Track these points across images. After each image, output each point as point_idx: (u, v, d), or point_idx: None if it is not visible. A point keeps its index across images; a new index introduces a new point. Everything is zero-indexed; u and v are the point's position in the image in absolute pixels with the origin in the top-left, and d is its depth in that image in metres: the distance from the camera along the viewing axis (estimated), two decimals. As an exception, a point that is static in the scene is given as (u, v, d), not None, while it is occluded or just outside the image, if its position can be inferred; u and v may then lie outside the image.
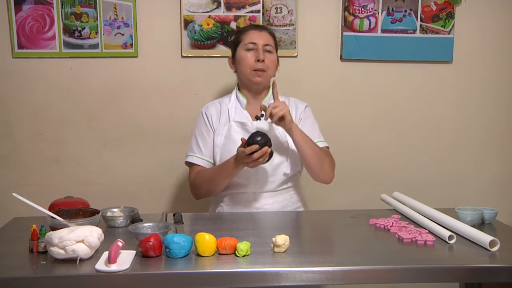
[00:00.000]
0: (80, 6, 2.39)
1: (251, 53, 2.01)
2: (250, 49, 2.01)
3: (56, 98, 2.46)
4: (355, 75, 2.55)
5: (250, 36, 2.03)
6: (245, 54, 2.01)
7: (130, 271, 1.31)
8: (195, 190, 2.04)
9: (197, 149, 2.05)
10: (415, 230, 1.62)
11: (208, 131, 2.06)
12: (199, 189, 2.02)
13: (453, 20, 2.53)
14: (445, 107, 2.61)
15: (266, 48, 2.02)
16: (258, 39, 2.02)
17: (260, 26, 2.18)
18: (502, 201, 2.59)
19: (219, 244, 1.42)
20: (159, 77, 2.48)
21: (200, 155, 2.04)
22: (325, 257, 1.45)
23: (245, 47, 2.02)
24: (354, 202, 2.46)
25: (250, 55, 2.01)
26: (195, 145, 2.06)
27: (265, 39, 2.03)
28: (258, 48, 2.01)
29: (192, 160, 2.04)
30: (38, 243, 1.45)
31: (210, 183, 1.98)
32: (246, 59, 2.01)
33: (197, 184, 2.02)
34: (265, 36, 2.04)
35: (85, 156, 2.50)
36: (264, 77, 2.02)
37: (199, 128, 2.08)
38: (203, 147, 2.04)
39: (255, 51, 2.01)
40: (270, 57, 2.02)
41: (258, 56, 1.99)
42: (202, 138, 2.05)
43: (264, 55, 2.00)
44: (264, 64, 2.00)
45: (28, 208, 1.58)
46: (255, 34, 2.03)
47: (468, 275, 1.41)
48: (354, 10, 2.49)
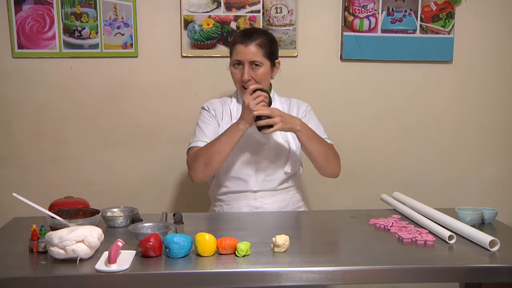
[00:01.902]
0: (80, 6, 2.39)
1: (238, 69, 1.98)
2: (238, 65, 1.98)
3: (56, 98, 2.46)
4: (355, 75, 2.55)
5: (236, 52, 1.97)
6: (233, 70, 2.00)
7: (130, 271, 1.31)
8: (192, 165, 1.93)
9: (201, 134, 2.00)
10: (415, 230, 1.62)
11: (212, 121, 2.04)
12: (196, 162, 1.91)
13: (453, 20, 2.53)
14: (445, 107, 2.61)
15: (254, 63, 1.95)
16: (244, 56, 1.95)
17: (248, 36, 1.97)
18: (502, 201, 2.58)
19: (219, 244, 1.42)
20: (159, 77, 2.48)
21: (203, 138, 1.98)
22: (325, 257, 1.45)
23: (233, 63, 1.99)
24: (354, 202, 2.46)
25: (237, 71, 1.98)
26: (199, 132, 2.02)
27: (251, 54, 1.94)
28: (244, 65, 1.96)
29: (195, 144, 1.98)
30: (38, 243, 1.45)
31: (208, 152, 1.89)
32: (234, 75, 2.00)
33: (194, 159, 1.93)
34: (251, 50, 1.94)
35: (85, 156, 2.50)
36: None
37: (203, 119, 2.06)
38: (206, 132, 2.00)
39: (241, 67, 1.97)
40: (258, 71, 1.96)
41: (243, 75, 1.95)
42: (206, 126, 2.02)
43: (249, 74, 1.95)
44: (251, 81, 1.96)
45: (28, 208, 1.58)
46: (241, 50, 1.96)
47: (468, 275, 1.41)
48: (354, 10, 2.49)
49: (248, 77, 1.95)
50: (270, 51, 1.99)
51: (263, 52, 1.96)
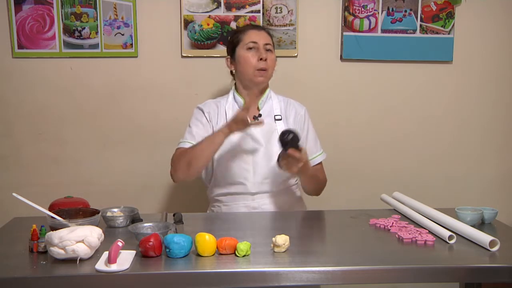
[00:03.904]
0: (80, 6, 2.39)
1: (252, 52, 2.00)
2: (251, 48, 2.00)
3: (56, 98, 2.46)
4: (355, 75, 2.55)
5: (250, 35, 2.02)
6: (246, 54, 2.00)
7: (130, 271, 1.31)
8: (174, 166, 1.95)
9: (189, 136, 2.01)
10: (415, 230, 1.62)
11: (203, 123, 2.04)
12: (179, 162, 1.92)
13: (453, 20, 2.53)
14: (445, 107, 2.61)
15: (267, 47, 2.01)
16: (259, 38, 2.01)
17: (258, 26, 2.17)
18: (502, 201, 2.59)
19: (219, 244, 1.42)
20: (159, 77, 2.48)
21: (190, 140, 1.98)
22: (325, 257, 1.45)
23: (246, 46, 2.00)
24: (354, 202, 2.46)
25: (251, 55, 1.99)
26: (188, 134, 2.02)
27: (265, 38, 2.03)
28: (259, 47, 1.99)
29: (182, 145, 1.99)
30: (38, 243, 1.45)
31: (191, 153, 1.90)
32: (248, 59, 1.99)
33: (177, 159, 1.94)
34: (265, 35, 2.04)
35: (85, 156, 2.50)
36: (266, 77, 2.01)
37: (194, 120, 2.06)
38: (196, 135, 2.00)
39: (256, 51, 1.99)
40: (271, 56, 2.02)
41: (260, 55, 1.98)
42: (196, 127, 2.02)
43: (266, 54, 2.00)
44: (266, 63, 1.99)
45: (28, 208, 1.58)
46: (255, 33, 2.03)
47: (468, 275, 1.41)
48: (354, 10, 2.49)
49: (266, 56, 1.98)
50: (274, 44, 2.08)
51: (272, 41, 2.06)
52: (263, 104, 2.06)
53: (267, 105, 2.07)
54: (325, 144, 2.14)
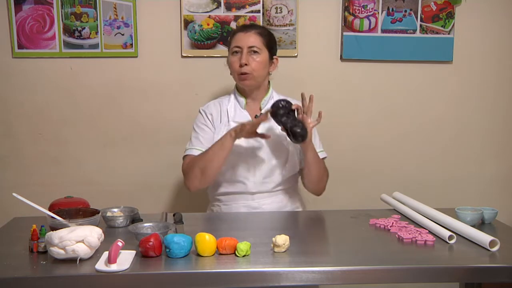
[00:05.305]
0: (80, 6, 2.39)
1: (236, 57, 1.99)
2: (236, 53, 1.99)
3: (56, 98, 2.46)
4: (355, 75, 2.55)
5: (236, 39, 2.00)
6: (232, 59, 2.00)
7: (130, 271, 1.32)
8: (188, 175, 1.95)
9: (196, 142, 2.02)
10: (415, 230, 1.62)
11: (209, 127, 2.04)
12: (192, 171, 1.92)
13: (453, 20, 2.53)
14: (445, 107, 2.61)
15: (252, 49, 1.97)
16: (243, 42, 1.98)
17: (248, 26, 2.09)
18: (502, 201, 2.58)
19: (219, 244, 1.42)
20: (159, 77, 2.48)
21: (199, 147, 2.00)
22: (325, 257, 1.45)
23: (232, 50, 2.01)
24: (354, 202, 2.46)
25: (235, 60, 1.99)
26: (195, 139, 2.03)
27: (250, 41, 1.98)
28: (243, 51, 1.97)
29: (190, 152, 2.00)
30: (38, 243, 1.45)
31: (203, 160, 1.91)
32: (232, 64, 2.00)
33: (190, 167, 1.95)
34: (251, 37, 1.99)
35: (85, 156, 2.50)
36: (251, 80, 1.99)
37: (199, 124, 2.06)
38: (203, 140, 2.01)
39: (240, 55, 1.98)
40: (256, 58, 1.98)
41: (241, 59, 1.96)
42: (202, 132, 2.03)
43: (247, 58, 1.96)
44: (248, 67, 1.96)
45: (28, 208, 1.58)
46: (240, 37, 2.00)
47: (468, 275, 1.41)
48: (354, 10, 2.49)
49: (246, 61, 1.95)
50: (269, 40, 2.02)
51: (262, 40, 2.00)
52: (265, 103, 2.06)
53: (269, 104, 2.07)
54: (325, 144, 2.14)
